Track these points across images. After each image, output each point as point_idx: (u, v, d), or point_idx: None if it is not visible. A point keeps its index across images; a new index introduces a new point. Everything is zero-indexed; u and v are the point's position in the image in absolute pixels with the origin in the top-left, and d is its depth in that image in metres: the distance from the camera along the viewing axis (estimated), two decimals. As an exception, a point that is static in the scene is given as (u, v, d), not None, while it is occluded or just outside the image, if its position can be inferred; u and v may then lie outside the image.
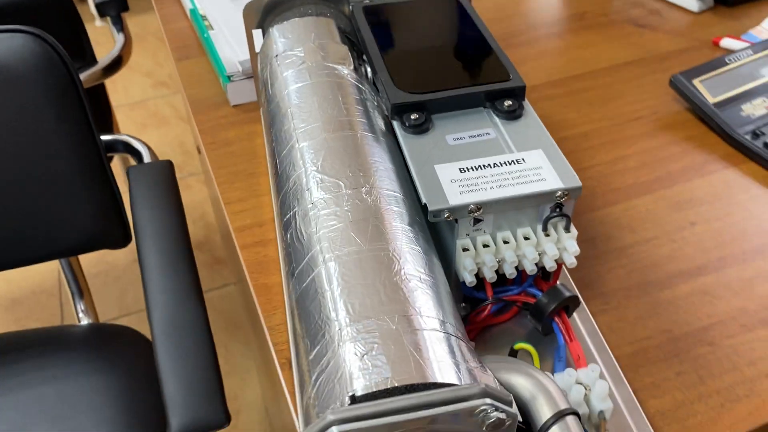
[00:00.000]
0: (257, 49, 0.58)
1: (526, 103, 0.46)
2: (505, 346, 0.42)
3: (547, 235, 0.41)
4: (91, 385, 0.78)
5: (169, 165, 0.70)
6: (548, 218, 0.41)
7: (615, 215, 0.54)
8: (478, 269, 0.41)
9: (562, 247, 0.41)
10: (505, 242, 0.41)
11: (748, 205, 0.55)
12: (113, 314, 1.47)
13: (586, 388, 0.38)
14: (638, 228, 0.53)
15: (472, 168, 0.41)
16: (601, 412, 0.38)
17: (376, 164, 0.41)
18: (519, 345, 0.40)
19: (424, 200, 0.39)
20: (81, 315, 0.88)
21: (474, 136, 0.43)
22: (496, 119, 0.45)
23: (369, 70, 0.51)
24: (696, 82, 0.63)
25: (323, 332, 0.33)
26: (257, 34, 0.58)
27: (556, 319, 0.42)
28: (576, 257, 0.41)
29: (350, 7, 0.56)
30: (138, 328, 1.45)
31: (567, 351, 0.41)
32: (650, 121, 0.63)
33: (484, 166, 0.41)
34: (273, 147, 0.47)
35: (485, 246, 0.40)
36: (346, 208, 0.38)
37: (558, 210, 0.41)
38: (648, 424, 0.40)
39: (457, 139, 0.43)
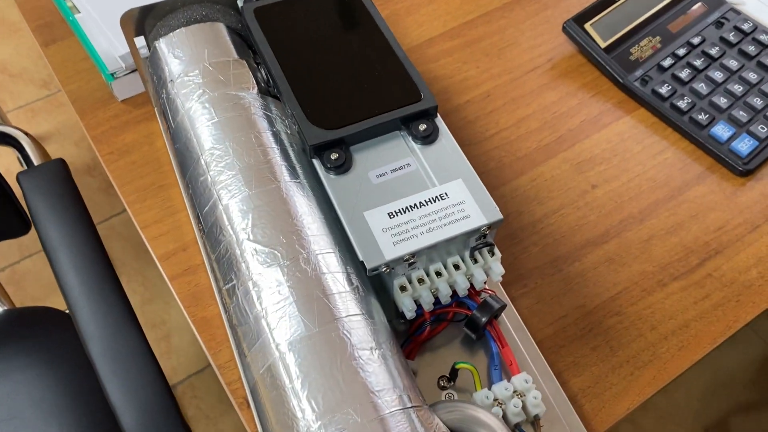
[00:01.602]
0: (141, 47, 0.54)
1: (439, 121, 0.46)
2: (445, 360, 0.46)
3: (475, 261, 0.44)
4: (28, 380, 0.78)
5: (62, 165, 0.65)
6: (474, 248, 0.43)
7: (523, 188, 0.57)
8: (417, 302, 0.43)
9: (488, 267, 0.44)
10: (438, 273, 0.43)
11: (641, 157, 0.59)
12: (15, 258, 1.41)
13: (521, 396, 0.43)
14: (545, 198, 0.56)
15: (400, 211, 0.42)
16: (536, 415, 0.43)
17: (305, 220, 0.41)
18: (460, 365, 0.45)
19: (361, 257, 0.40)
20: (-7, 305, 0.85)
21: (395, 170, 0.44)
22: (413, 145, 0.45)
23: (267, 76, 0.49)
24: (587, 26, 0.64)
25: (292, 430, 0.35)
26: (139, 39, 0.53)
27: (488, 328, 0.46)
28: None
29: (239, 4, 0.53)
30: (45, 269, 1.40)
31: (500, 357, 0.46)
32: (546, 70, 0.64)
33: (411, 207, 0.42)
34: (191, 195, 0.46)
35: (420, 281, 0.43)
36: (288, 284, 0.39)
37: (482, 239, 0.43)
38: (572, 408, 0.46)
39: (380, 175, 0.44)
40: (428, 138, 0.45)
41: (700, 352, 0.49)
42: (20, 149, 0.71)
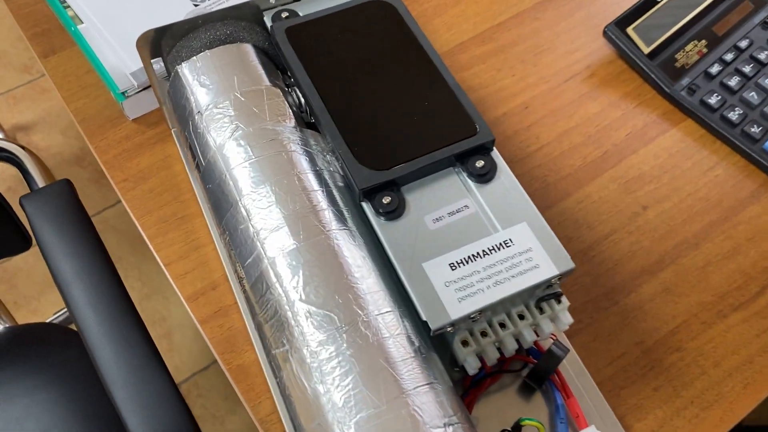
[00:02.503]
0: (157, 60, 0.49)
1: (497, 155, 0.42)
2: (502, 408, 0.44)
3: (541, 311, 0.41)
4: (36, 403, 0.74)
5: (68, 187, 0.61)
6: (541, 299, 0.40)
7: (570, 210, 0.54)
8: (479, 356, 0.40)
9: (554, 316, 0.41)
10: (502, 325, 0.40)
11: (691, 174, 0.56)
12: (4, 255, 1.36)
13: (591, 453, 0.40)
14: (594, 222, 0.53)
15: (462, 261, 0.39)
16: (607, 473, 0.41)
17: (359, 274, 0.38)
18: (525, 422, 0.42)
19: (424, 317, 0.37)
20: (-6, 323, 0.81)
21: (453, 213, 0.40)
22: (470, 183, 0.41)
23: (304, 103, 0.45)
24: (629, 30, 0.60)
25: None
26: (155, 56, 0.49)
27: (552, 377, 0.43)
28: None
29: (268, 23, 0.48)
30: (37, 265, 1.35)
31: (566, 409, 0.43)
32: (586, 78, 0.61)
33: (473, 257, 0.39)
34: (227, 242, 0.42)
35: (483, 335, 0.40)
36: (348, 353, 0.35)
37: (550, 287, 0.40)
38: (640, 457, 0.43)
39: (437, 220, 0.40)
40: (486, 176, 0.41)
41: (767, 390, 0.47)
42: (21, 167, 0.66)
